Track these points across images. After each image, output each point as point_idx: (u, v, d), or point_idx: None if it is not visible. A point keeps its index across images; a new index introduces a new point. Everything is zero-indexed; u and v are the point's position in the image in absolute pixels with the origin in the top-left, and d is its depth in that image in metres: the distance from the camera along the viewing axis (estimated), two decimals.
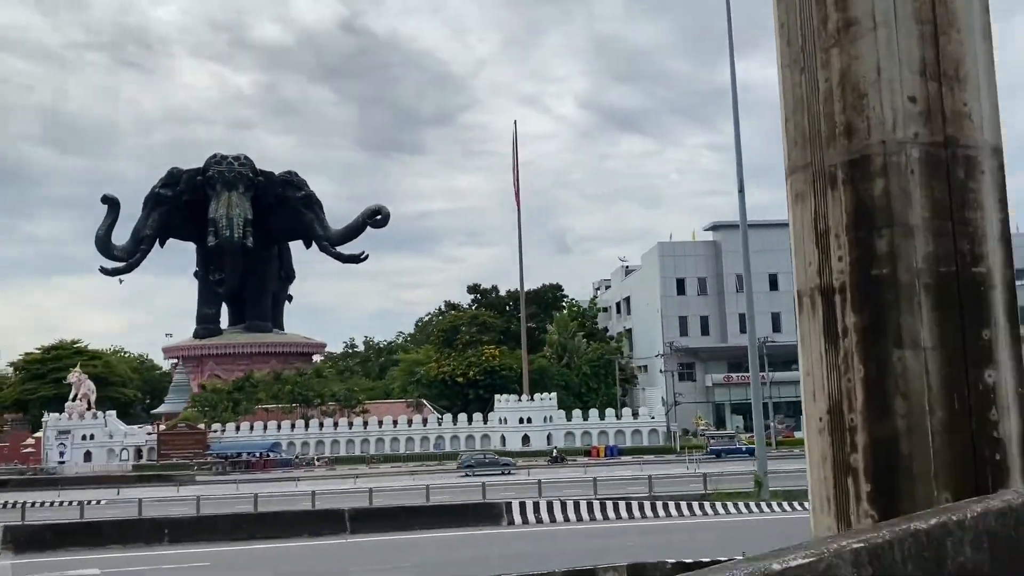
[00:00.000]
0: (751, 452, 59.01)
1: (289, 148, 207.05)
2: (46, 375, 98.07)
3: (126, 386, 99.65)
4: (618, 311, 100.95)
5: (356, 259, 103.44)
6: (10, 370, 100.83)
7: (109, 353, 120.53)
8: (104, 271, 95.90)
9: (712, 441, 68.70)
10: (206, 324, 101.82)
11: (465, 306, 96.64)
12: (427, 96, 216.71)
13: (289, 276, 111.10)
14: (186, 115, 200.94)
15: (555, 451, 67.92)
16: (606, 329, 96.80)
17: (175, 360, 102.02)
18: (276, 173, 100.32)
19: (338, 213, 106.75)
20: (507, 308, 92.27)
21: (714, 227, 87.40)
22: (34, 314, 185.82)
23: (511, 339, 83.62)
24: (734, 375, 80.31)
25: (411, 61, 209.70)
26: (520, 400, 72.72)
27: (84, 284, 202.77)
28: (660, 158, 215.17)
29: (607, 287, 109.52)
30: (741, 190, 42.24)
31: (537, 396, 73.44)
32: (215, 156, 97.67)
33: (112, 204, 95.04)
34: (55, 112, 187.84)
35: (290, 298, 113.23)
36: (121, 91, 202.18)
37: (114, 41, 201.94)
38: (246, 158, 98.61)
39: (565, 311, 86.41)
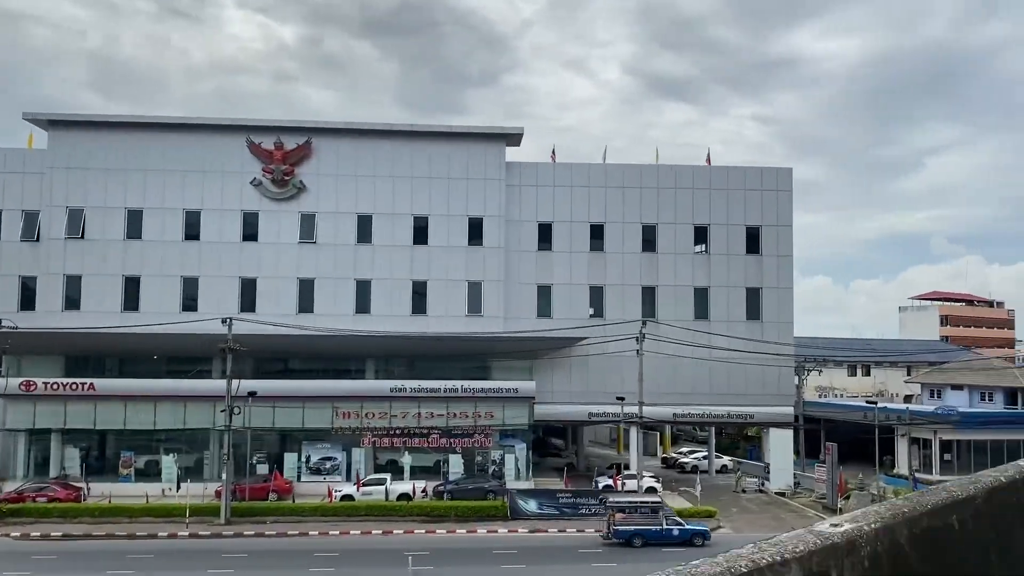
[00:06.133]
0: (695, 536, 34.74)
1: (331, 103, 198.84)
2: None
3: None
4: None
5: None
6: None
7: None
8: None
9: (621, 517, 34.86)
10: None
11: None
12: (472, 56, 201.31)
13: None
14: (232, 65, 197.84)
15: None
16: None
17: None
18: None
19: None
20: None
21: (36, 120, 50.43)
22: None
23: None
24: (61, 381, 46.00)
25: (456, 19, 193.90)
26: None
27: None
28: (704, 128, 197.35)
29: None
30: None
31: None
32: None
33: None
34: (106, 59, 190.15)
35: None
36: (170, 39, 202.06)
37: None
38: None
39: None
